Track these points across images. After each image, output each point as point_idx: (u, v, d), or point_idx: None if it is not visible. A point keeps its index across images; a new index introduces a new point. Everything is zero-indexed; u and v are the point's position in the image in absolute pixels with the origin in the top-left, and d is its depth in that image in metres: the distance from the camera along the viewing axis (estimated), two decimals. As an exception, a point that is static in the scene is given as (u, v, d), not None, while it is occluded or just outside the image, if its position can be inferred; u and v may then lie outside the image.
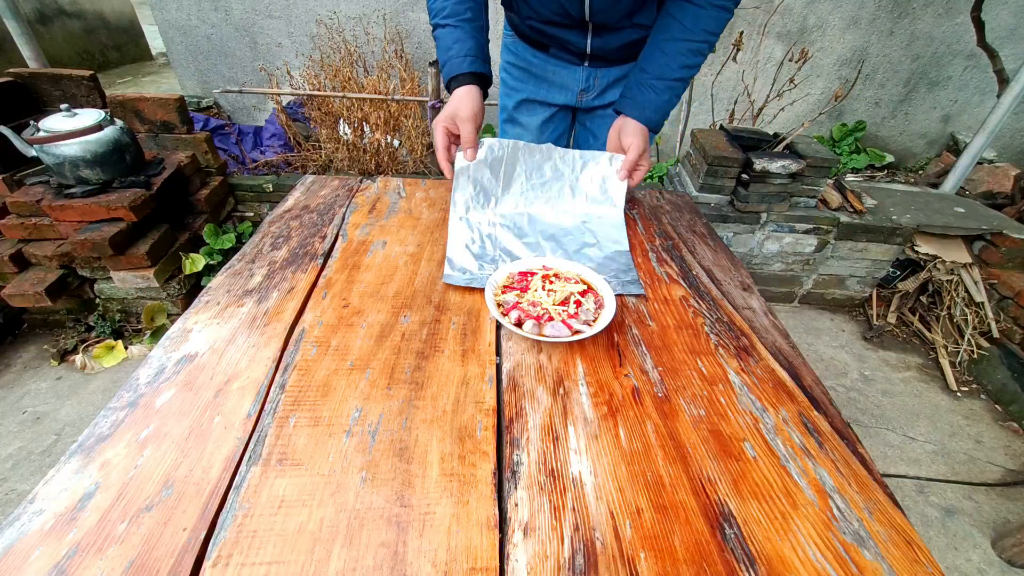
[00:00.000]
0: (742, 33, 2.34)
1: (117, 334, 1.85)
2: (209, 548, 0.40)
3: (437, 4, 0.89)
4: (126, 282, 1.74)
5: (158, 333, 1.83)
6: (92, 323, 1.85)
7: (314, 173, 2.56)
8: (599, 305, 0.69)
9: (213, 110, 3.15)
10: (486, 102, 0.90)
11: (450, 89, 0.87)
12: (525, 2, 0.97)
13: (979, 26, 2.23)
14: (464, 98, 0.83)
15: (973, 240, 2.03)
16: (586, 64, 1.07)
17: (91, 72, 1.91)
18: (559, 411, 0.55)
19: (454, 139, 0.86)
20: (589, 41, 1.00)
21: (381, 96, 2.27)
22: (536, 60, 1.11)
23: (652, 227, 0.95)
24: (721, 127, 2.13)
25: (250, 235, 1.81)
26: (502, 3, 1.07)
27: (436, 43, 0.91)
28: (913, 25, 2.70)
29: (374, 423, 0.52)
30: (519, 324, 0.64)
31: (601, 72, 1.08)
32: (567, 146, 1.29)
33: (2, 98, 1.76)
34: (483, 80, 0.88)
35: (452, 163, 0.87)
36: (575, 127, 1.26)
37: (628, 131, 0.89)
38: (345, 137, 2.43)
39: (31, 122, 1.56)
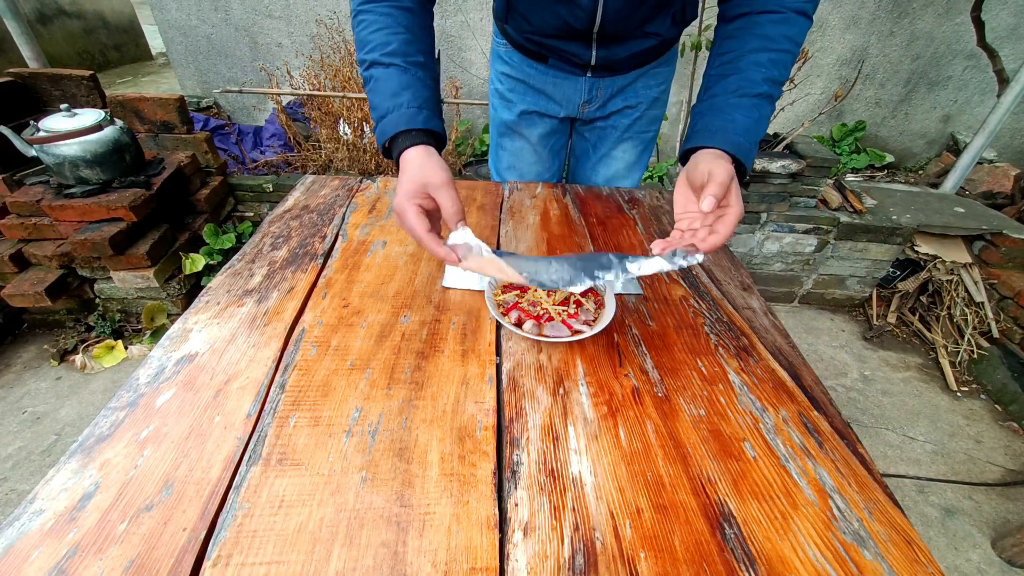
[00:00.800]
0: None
1: (117, 334, 1.86)
2: (209, 548, 0.40)
3: (375, 36, 0.68)
4: (126, 282, 1.74)
5: (158, 333, 1.83)
6: (92, 323, 1.85)
7: (314, 173, 2.56)
8: (599, 305, 0.69)
9: (213, 110, 3.15)
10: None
11: (392, 150, 0.65)
12: (522, 18, 0.89)
13: (979, 26, 2.23)
14: (427, 162, 0.61)
15: (973, 240, 2.03)
16: (589, 75, 0.99)
17: (91, 72, 1.91)
18: (559, 411, 0.55)
19: (431, 216, 0.62)
20: (594, 53, 0.92)
21: (381, 96, 2.27)
22: (534, 71, 1.02)
23: (652, 227, 0.95)
24: (721, 127, 2.12)
25: (250, 235, 1.81)
26: (495, 16, 1.01)
27: (369, 85, 0.68)
28: (913, 25, 2.70)
29: (374, 423, 0.52)
30: (519, 324, 0.64)
31: (605, 82, 1.00)
32: (565, 159, 1.24)
33: (2, 98, 1.76)
34: (439, 142, 0.66)
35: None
36: (573, 137, 1.20)
37: (713, 171, 0.57)
38: (345, 137, 2.43)
39: (31, 122, 1.56)
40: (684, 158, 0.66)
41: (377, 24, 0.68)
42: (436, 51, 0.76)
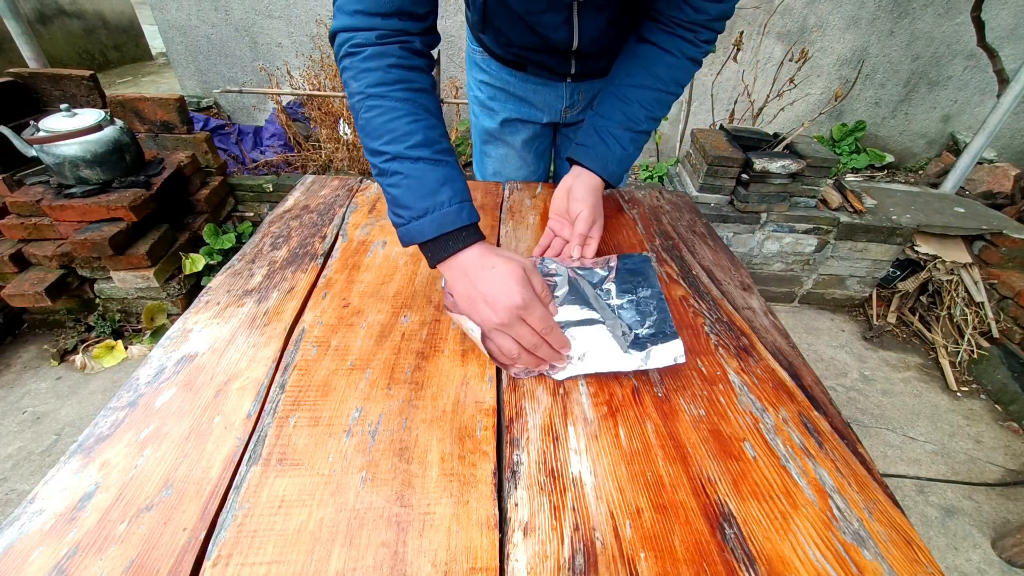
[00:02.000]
0: (742, 33, 2.34)
1: (117, 334, 1.86)
2: (209, 548, 0.40)
3: (394, 126, 0.59)
4: (126, 282, 1.74)
5: (158, 333, 1.83)
6: (92, 323, 1.85)
7: (314, 173, 2.56)
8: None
9: (213, 110, 3.15)
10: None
11: (438, 247, 0.58)
12: (501, 33, 0.88)
13: (979, 26, 2.23)
14: (496, 259, 0.57)
15: (973, 240, 2.03)
16: (569, 80, 0.99)
17: (91, 72, 1.91)
18: (559, 411, 0.55)
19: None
20: (573, 64, 0.93)
21: (381, 96, 2.27)
22: (513, 79, 1.01)
23: (652, 227, 0.95)
24: (721, 127, 2.13)
25: (250, 235, 1.81)
26: (469, 25, 0.99)
27: (391, 180, 0.60)
28: (913, 25, 2.70)
29: (374, 423, 0.52)
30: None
31: (585, 86, 1.01)
32: (551, 160, 1.24)
33: (2, 98, 1.76)
34: (479, 233, 0.61)
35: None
36: (557, 138, 1.20)
37: (579, 194, 0.74)
38: (345, 137, 2.43)
39: (31, 122, 1.56)
40: (570, 159, 0.81)
41: (396, 111, 0.60)
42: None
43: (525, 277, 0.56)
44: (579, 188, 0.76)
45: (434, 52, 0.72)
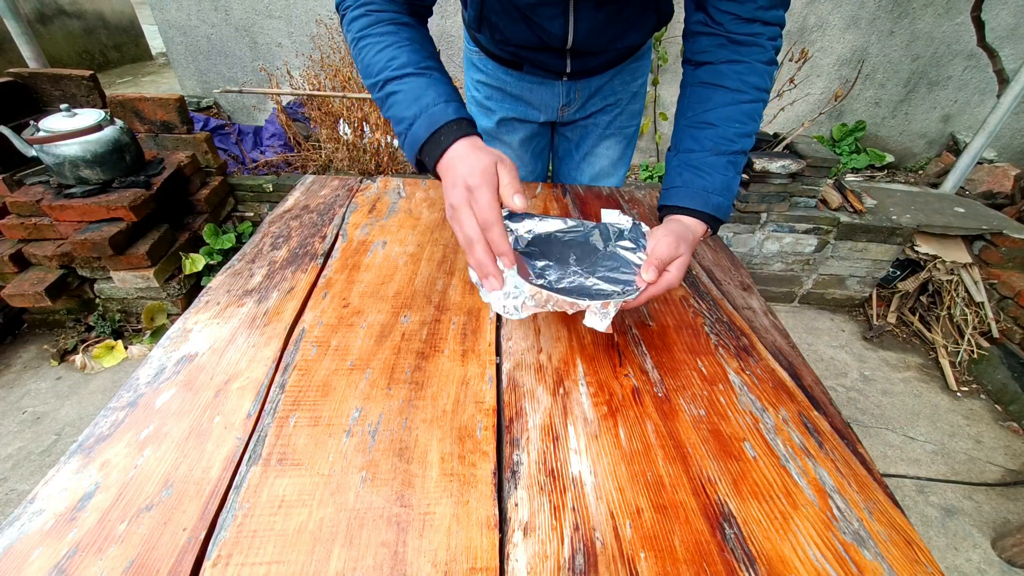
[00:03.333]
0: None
1: (117, 334, 1.86)
2: (209, 548, 0.40)
3: (380, 56, 0.64)
4: (126, 282, 1.74)
5: (158, 333, 1.83)
6: (92, 323, 1.85)
7: (314, 173, 2.56)
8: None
9: (213, 110, 3.15)
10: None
11: (428, 157, 0.61)
12: (496, 29, 0.87)
13: (979, 26, 2.23)
14: (477, 151, 0.56)
15: (973, 240, 2.03)
16: (565, 79, 0.98)
17: (91, 72, 1.91)
18: (559, 411, 0.55)
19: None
20: (568, 62, 0.91)
21: (381, 96, 2.27)
22: (509, 78, 1.01)
23: (652, 227, 0.95)
24: (721, 127, 2.12)
25: (250, 235, 1.81)
26: (466, 25, 0.99)
27: (387, 104, 0.64)
28: (913, 25, 2.70)
29: (374, 423, 0.52)
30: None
31: (582, 84, 0.99)
32: (548, 159, 1.24)
33: (2, 98, 1.76)
34: (474, 129, 0.62)
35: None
36: (555, 138, 1.19)
37: (676, 228, 0.61)
38: (345, 137, 2.43)
39: (31, 122, 1.56)
40: (662, 209, 0.68)
41: (380, 44, 0.66)
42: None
43: (492, 166, 0.54)
44: (672, 226, 0.61)
45: (425, 18, 0.74)
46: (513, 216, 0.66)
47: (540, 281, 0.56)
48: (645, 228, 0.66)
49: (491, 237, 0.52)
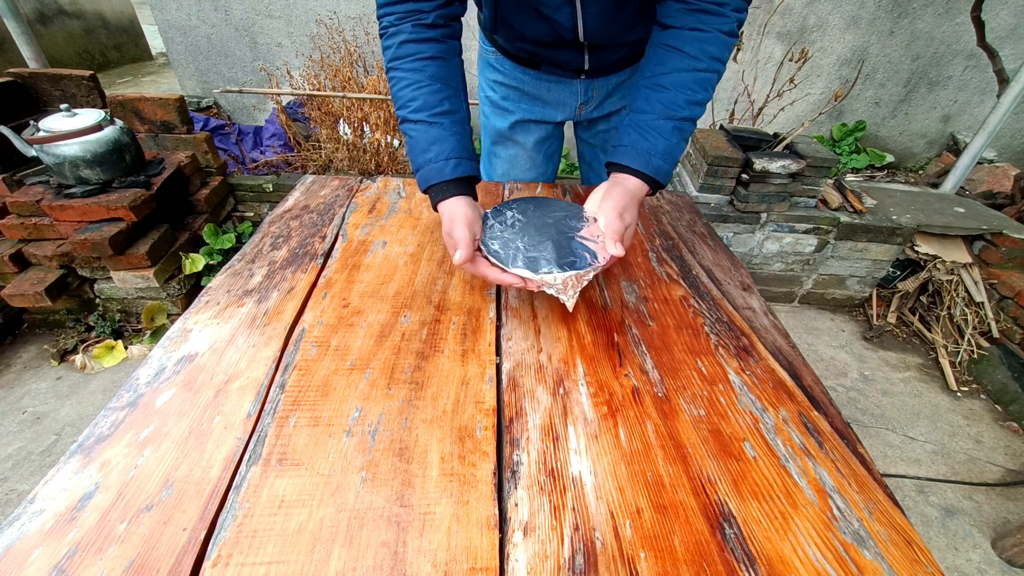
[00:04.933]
0: (742, 33, 2.34)
1: (117, 334, 1.86)
2: (209, 548, 0.40)
3: (403, 93, 0.71)
4: (126, 282, 1.74)
5: (158, 333, 1.83)
6: (92, 323, 1.85)
7: (314, 173, 2.56)
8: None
9: (213, 110, 3.15)
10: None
11: (430, 197, 0.71)
12: (510, 28, 0.88)
13: (979, 26, 2.22)
14: (455, 214, 0.67)
15: (973, 240, 2.03)
16: (583, 77, 0.98)
17: (91, 72, 1.91)
18: (559, 411, 0.55)
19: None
20: (586, 58, 0.91)
21: (381, 96, 2.27)
22: (527, 77, 1.01)
23: (652, 227, 0.95)
24: (721, 127, 2.13)
25: (250, 235, 1.81)
26: (481, 26, 0.99)
27: (406, 139, 0.73)
28: (913, 25, 2.70)
29: (374, 423, 0.52)
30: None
31: (600, 82, 1.00)
32: (559, 161, 1.23)
33: (2, 98, 1.76)
34: (472, 182, 0.72)
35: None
36: (578, 145, 1.20)
37: (618, 196, 0.67)
38: (345, 137, 2.43)
39: (31, 122, 1.56)
40: (608, 165, 0.73)
41: (405, 81, 0.72)
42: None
43: (462, 224, 0.66)
44: (618, 194, 0.67)
45: (458, 21, 0.77)
46: (508, 204, 0.76)
47: (517, 267, 0.64)
48: (589, 206, 0.73)
49: (460, 254, 0.64)
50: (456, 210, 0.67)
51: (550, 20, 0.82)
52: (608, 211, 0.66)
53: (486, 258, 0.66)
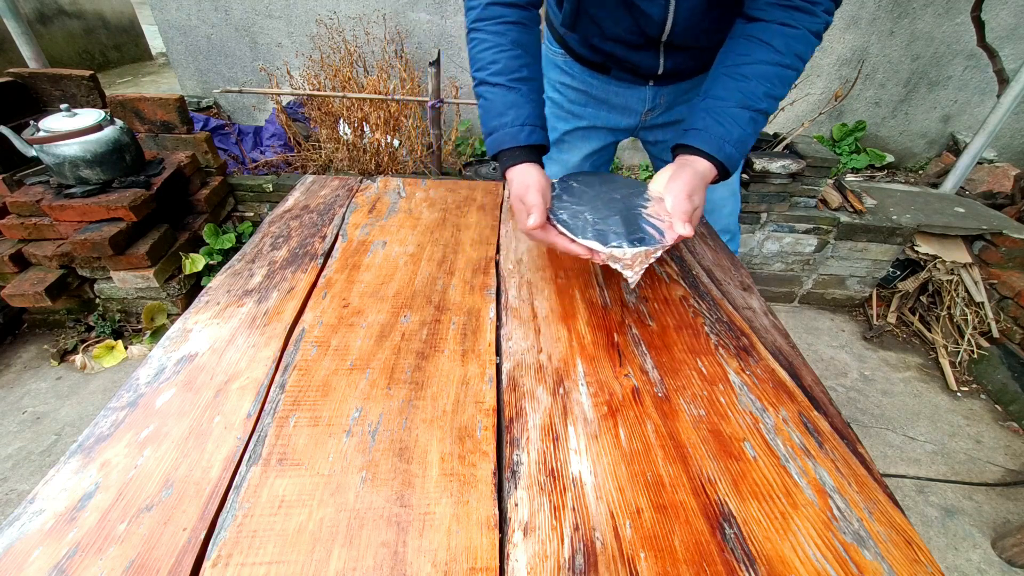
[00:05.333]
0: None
1: (117, 334, 1.86)
2: (209, 548, 0.40)
3: (485, 55, 0.72)
4: (126, 282, 1.74)
5: (158, 333, 1.83)
6: (92, 323, 1.85)
7: (314, 173, 2.56)
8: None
9: (213, 110, 3.15)
10: None
11: (500, 162, 0.72)
12: (591, 23, 0.85)
13: (979, 26, 2.22)
14: (526, 180, 0.68)
15: (973, 240, 2.03)
16: (652, 83, 0.95)
17: (91, 72, 1.91)
18: (559, 411, 0.55)
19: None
20: (662, 60, 0.87)
21: (381, 96, 2.27)
22: (596, 82, 0.99)
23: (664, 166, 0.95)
24: (721, 127, 2.12)
25: (250, 235, 1.81)
26: (551, 25, 0.96)
27: (479, 101, 0.74)
28: (913, 25, 2.70)
29: (374, 423, 0.52)
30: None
31: (668, 89, 0.97)
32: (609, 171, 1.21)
33: (2, 98, 1.76)
34: (541, 152, 0.73)
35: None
36: (654, 163, 1.16)
37: (687, 178, 0.66)
38: (345, 137, 2.43)
39: (31, 122, 1.56)
40: (677, 148, 0.73)
41: (487, 43, 0.73)
42: (437, 52, 0.79)
43: (535, 189, 0.67)
44: (684, 174, 0.67)
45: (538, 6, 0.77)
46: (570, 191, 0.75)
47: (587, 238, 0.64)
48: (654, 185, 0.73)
49: (534, 219, 0.65)
50: (529, 176, 0.68)
51: (639, 13, 0.79)
52: (677, 191, 0.66)
53: (554, 227, 0.67)
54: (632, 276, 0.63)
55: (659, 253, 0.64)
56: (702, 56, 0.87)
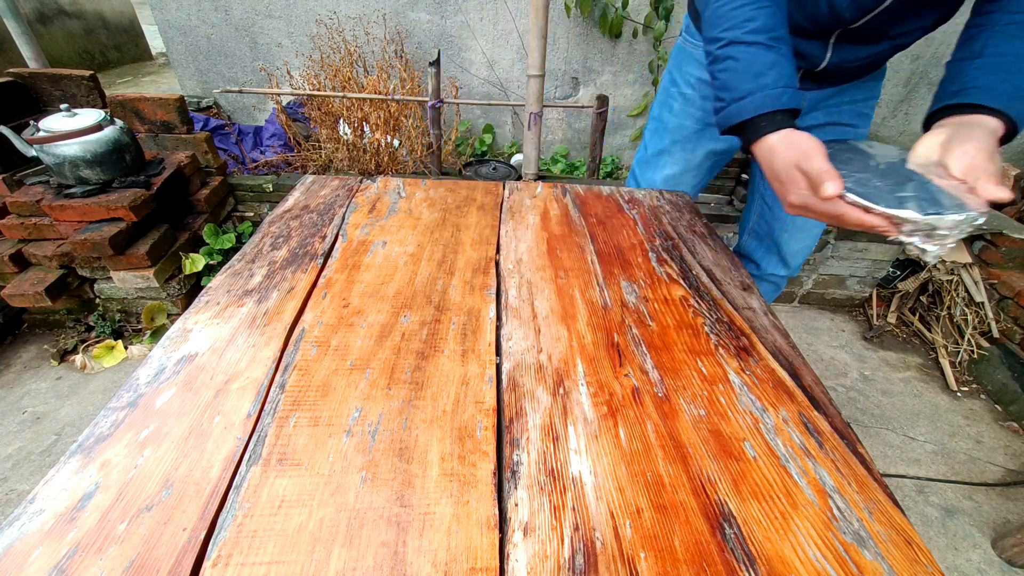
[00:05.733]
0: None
1: (117, 334, 1.86)
2: (209, 548, 0.40)
3: (740, 12, 0.65)
4: (126, 282, 1.74)
5: (158, 333, 1.83)
6: (92, 323, 1.85)
7: (314, 173, 2.56)
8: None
9: (213, 110, 3.15)
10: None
11: (747, 130, 0.65)
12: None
13: (979, 26, 2.22)
14: (802, 146, 0.61)
15: (973, 240, 2.03)
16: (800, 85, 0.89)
17: (91, 72, 1.91)
18: (559, 411, 0.55)
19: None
20: (828, 55, 0.81)
21: (381, 96, 2.27)
22: None
23: (652, 227, 0.95)
24: (721, 127, 2.12)
25: (250, 235, 1.81)
26: (693, 13, 0.89)
27: (724, 63, 0.66)
28: (913, 25, 2.70)
29: (374, 423, 0.52)
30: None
31: (813, 94, 0.91)
32: (708, 181, 1.18)
33: (2, 98, 1.76)
34: (796, 116, 0.66)
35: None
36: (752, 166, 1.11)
37: (982, 136, 0.58)
38: (345, 137, 2.43)
39: (31, 122, 1.56)
40: (947, 110, 0.63)
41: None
42: (437, 52, 0.74)
43: (820, 155, 0.60)
44: (976, 133, 0.58)
45: None
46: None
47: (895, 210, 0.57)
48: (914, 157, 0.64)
49: (833, 186, 0.57)
50: (805, 141, 0.61)
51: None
52: (975, 152, 0.57)
53: (839, 197, 0.59)
54: (937, 251, 0.56)
55: (980, 220, 0.55)
56: (872, 52, 0.81)
